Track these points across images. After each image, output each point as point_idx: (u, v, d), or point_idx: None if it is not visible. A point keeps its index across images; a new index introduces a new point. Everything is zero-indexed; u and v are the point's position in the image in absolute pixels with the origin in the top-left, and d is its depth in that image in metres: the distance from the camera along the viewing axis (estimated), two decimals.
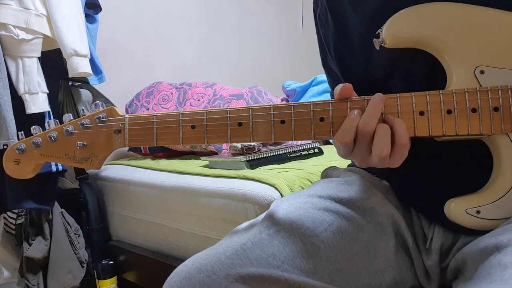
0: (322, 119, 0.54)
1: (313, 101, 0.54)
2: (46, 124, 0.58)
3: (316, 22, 0.75)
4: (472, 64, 0.53)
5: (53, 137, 0.56)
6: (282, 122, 0.54)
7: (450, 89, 0.53)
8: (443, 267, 0.60)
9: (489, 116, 0.51)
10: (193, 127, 0.55)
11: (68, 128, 0.56)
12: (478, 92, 0.52)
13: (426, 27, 0.55)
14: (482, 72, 0.53)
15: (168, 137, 0.56)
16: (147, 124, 0.56)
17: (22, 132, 0.59)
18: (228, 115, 0.55)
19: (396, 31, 0.55)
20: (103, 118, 0.56)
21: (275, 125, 0.54)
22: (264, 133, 0.54)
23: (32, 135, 0.58)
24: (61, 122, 0.58)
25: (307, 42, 2.71)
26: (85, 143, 0.56)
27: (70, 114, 0.58)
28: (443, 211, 0.54)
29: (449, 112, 0.52)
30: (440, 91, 0.52)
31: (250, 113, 0.54)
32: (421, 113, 0.52)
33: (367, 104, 0.53)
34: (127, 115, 0.57)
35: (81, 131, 0.56)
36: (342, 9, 0.67)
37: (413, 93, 0.53)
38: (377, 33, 0.61)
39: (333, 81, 0.77)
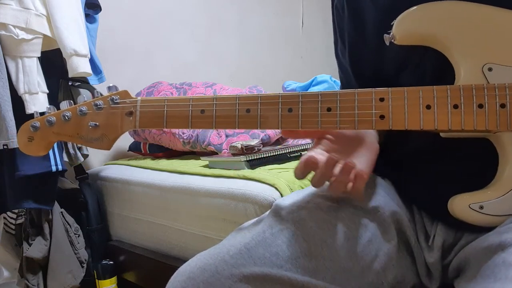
0: (329, 109, 0.54)
1: (321, 91, 0.55)
2: (46, 109, 0.59)
3: (332, 12, 0.75)
4: (480, 62, 0.53)
5: (67, 116, 0.58)
6: (290, 110, 0.55)
7: (458, 84, 0.53)
8: (445, 264, 0.60)
9: (496, 112, 0.51)
10: (202, 111, 0.56)
11: (82, 108, 0.58)
12: (485, 88, 0.52)
13: (435, 25, 0.55)
14: (490, 69, 0.53)
15: (177, 120, 0.57)
16: (158, 107, 0.57)
17: (38, 110, 0.61)
18: (237, 102, 0.56)
19: (405, 28, 0.56)
20: (116, 100, 0.58)
21: (282, 113, 0.55)
22: (271, 121, 0.55)
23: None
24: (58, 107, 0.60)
25: (307, 42, 2.72)
26: (97, 123, 0.57)
27: (67, 101, 0.59)
28: (446, 209, 0.54)
29: (455, 107, 0.52)
30: (448, 86, 0.53)
31: (259, 101, 0.55)
32: (428, 107, 0.52)
33: (374, 96, 0.53)
34: (139, 98, 0.58)
35: (94, 111, 0.58)
36: (360, 1, 0.67)
37: (420, 87, 0.53)
38: (391, 24, 0.61)
39: (341, 73, 0.77)
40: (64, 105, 0.59)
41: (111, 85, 0.59)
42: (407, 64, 0.62)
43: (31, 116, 1.19)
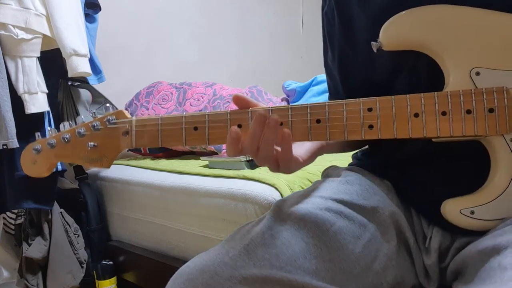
0: (318, 121, 0.54)
1: (310, 104, 0.55)
2: (48, 132, 0.62)
3: (322, 19, 0.75)
4: (468, 66, 0.53)
5: (66, 138, 0.60)
6: (280, 124, 0.55)
7: (446, 90, 0.53)
8: (443, 267, 0.60)
9: (484, 117, 0.51)
10: (195, 128, 0.57)
11: (80, 130, 0.59)
12: (473, 93, 0.52)
13: (422, 30, 0.55)
14: (477, 73, 0.53)
15: (172, 138, 0.58)
16: (153, 126, 0.58)
17: (39, 133, 0.63)
18: (228, 118, 0.56)
19: (392, 34, 0.56)
20: (112, 120, 0.59)
21: None
22: None
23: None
24: (58, 128, 0.62)
25: (307, 42, 2.72)
26: (95, 144, 0.59)
27: (67, 122, 0.61)
28: (440, 211, 0.55)
29: (443, 113, 0.52)
30: (435, 93, 0.53)
31: (249, 115, 0.55)
32: (416, 115, 0.52)
33: (362, 106, 0.54)
34: (134, 118, 0.59)
35: (92, 132, 0.59)
36: (349, 8, 0.67)
37: (408, 95, 0.53)
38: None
39: (330, 81, 0.77)
40: (64, 126, 0.61)
41: (108, 105, 0.61)
42: (401, 69, 0.62)
43: (31, 116, 1.20)
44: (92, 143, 0.59)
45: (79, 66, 1.26)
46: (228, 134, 0.53)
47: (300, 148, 0.59)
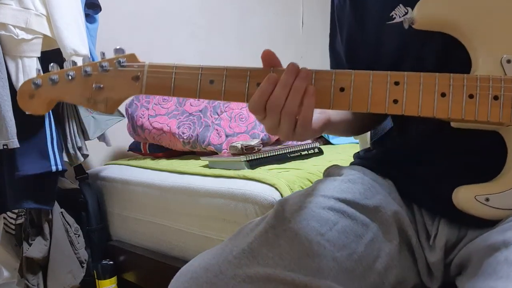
0: (342, 89, 0.53)
1: (335, 70, 0.54)
2: (50, 67, 0.56)
3: (332, 2, 0.75)
4: (500, 53, 0.53)
5: (71, 76, 0.55)
6: None
7: (475, 74, 0.53)
8: (447, 263, 0.60)
9: (511, 105, 0.51)
10: (211, 82, 0.55)
11: (87, 69, 0.55)
12: (502, 80, 0.51)
13: (457, 12, 0.54)
14: (509, 61, 0.52)
15: (185, 89, 0.55)
16: (166, 73, 0.55)
17: (40, 69, 0.57)
18: (248, 74, 0.54)
19: (427, 12, 0.55)
20: (122, 63, 0.56)
21: None
22: None
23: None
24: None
25: (307, 42, 2.72)
26: (101, 85, 0.55)
27: (71, 61, 0.56)
28: (448, 205, 0.54)
29: (471, 96, 0.51)
30: (465, 75, 0.52)
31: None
32: (443, 95, 0.52)
33: (389, 79, 0.52)
34: (147, 62, 0.56)
35: (99, 73, 0.55)
36: None
37: (437, 74, 0.52)
38: (390, 15, 0.60)
39: (336, 65, 0.77)
40: (68, 65, 0.56)
41: (118, 47, 0.56)
42: (405, 59, 0.62)
43: (31, 116, 1.20)
44: (97, 85, 0.54)
45: None
46: (264, 81, 0.51)
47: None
